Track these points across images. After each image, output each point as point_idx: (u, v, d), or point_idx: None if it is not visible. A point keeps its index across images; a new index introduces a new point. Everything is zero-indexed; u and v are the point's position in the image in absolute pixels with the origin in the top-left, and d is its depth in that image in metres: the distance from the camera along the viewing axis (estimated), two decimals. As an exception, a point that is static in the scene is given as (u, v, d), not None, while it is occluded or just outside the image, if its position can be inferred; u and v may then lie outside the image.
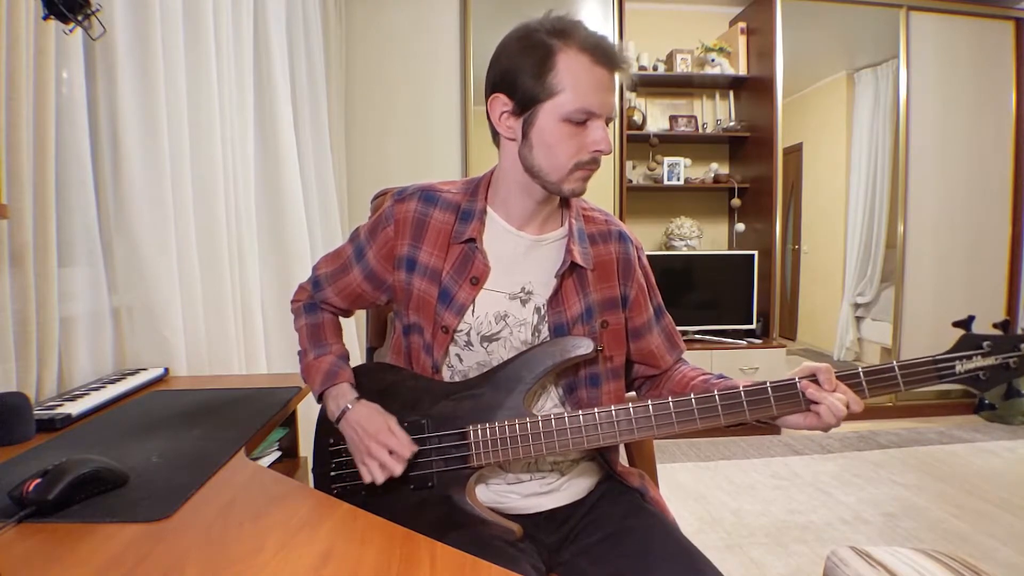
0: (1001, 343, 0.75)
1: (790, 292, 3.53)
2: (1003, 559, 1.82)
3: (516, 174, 0.86)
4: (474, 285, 0.86)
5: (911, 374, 0.75)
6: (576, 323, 0.87)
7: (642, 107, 3.34)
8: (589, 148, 0.80)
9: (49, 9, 0.87)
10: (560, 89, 0.78)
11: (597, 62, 0.78)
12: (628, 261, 0.94)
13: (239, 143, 1.77)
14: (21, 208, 1.05)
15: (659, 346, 0.97)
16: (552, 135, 0.80)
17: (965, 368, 0.76)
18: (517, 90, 0.80)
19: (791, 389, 0.77)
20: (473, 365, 0.88)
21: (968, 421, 3.25)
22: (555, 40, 0.78)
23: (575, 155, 0.81)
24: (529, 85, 0.79)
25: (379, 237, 0.91)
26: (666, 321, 1.00)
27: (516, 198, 0.88)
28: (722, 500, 2.28)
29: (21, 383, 1.06)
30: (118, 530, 0.63)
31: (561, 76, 0.77)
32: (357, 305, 1.00)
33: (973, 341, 0.76)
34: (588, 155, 0.81)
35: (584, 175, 0.83)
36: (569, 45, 0.78)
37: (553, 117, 0.79)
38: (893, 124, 3.26)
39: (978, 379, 0.76)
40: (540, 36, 0.79)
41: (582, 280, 0.89)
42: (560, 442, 0.80)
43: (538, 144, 0.81)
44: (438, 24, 3.06)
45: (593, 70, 0.78)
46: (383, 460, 0.81)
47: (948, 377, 0.76)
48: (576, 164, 0.81)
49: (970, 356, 0.76)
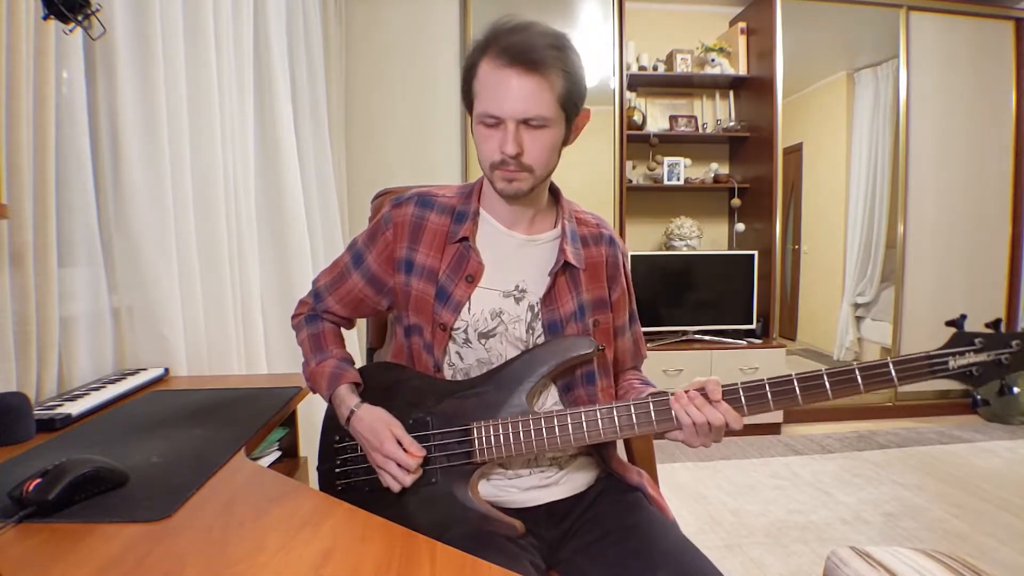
0: (993, 340, 0.77)
1: (790, 292, 3.53)
2: (1003, 559, 1.82)
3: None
4: (469, 283, 0.89)
5: (906, 370, 0.77)
6: (569, 321, 0.90)
7: (642, 107, 3.34)
8: (498, 150, 0.83)
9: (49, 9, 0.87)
10: (476, 95, 0.84)
11: (506, 64, 0.80)
12: (616, 265, 0.98)
13: (239, 143, 1.77)
14: (21, 208, 1.05)
15: (626, 350, 1.02)
16: (477, 138, 0.86)
17: (958, 364, 0.77)
18: (465, 98, 0.87)
19: (665, 405, 0.80)
20: (473, 363, 0.90)
21: (968, 421, 3.25)
22: (480, 48, 0.83)
23: (489, 156, 0.85)
24: (467, 93, 0.86)
25: (378, 241, 0.94)
26: (636, 327, 1.04)
27: (495, 200, 0.92)
28: (722, 500, 2.28)
29: (21, 383, 1.06)
30: (118, 530, 0.63)
31: (478, 82, 0.83)
32: (358, 312, 1.01)
33: (965, 338, 0.78)
34: (499, 156, 0.83)
35: (503, 175, 0.84)
36: (488, 51, 0.81)
37: (475, 121, 0.85)
38: (893, 124, 3.26)
39: (971, 375, 0.77)
40: (474, 45, 0.84)
41: (574, 279, 0.91)
42: (562, 438, 0.82)
43: (476, 146, 0.87)
44: (438, 24, 3.06)
45: (501, 72, 0.80)
46: (393, 473, 0.83)
47: (941, 373, 0.77)
48: (491, 165, 0.85)
49: (963, 352, 0.77)
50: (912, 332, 3.29)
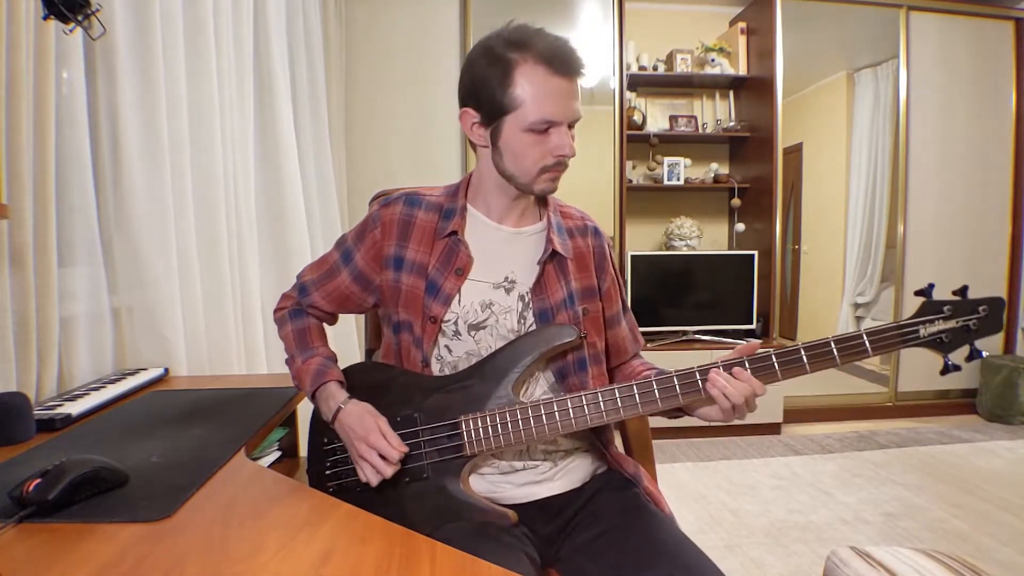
0: (961, 307, 0.79)
1: (790, 292, 3.53)
2: (1003, 559, 1.82)
3: (492, 176, 0.91)
4: (459, 276, 0.90)
5: (878, 340, 0.79)
6: (560, 309, 0.91)
7: (642, 107, 3.34)
8: (553, 153, 0.85)
9: (49, 9, 0.87)
10: (521, 102, 0.82)
11: (554, 72, 0.82)
12: (603, 255, 1.00)
13: (239, 143, 1.77)
14: (21, 208, 1.06)
15: (625, 338, 1.03)
16: (517, 144, 0.85)
17: (928, 332, 0.79)
18: (483, 104, 0.86)
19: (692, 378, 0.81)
20: (462, 355, 0.91)
21: (968, 421, 3.25)
22: (513, 54, 0.82)
23: (540, 160, 0.86)
24: (493, 99, 0.84)
25: (367, 240, 0.95)
26: (630, 315, 1.06)
27: (494, 196, 0.94)
28: (722, 500, 2.28)
29: (21, 383, 1.06)
30: (118, 530, 0.63)
31: (521, 89, 0.82)
32: (343, 308, 1.02)
33: (934, 307, 0.80)
34: (553, 159, 0.86)
35: (552, 176, 0.88)
36: (526, 58, 0.82)
37: (516, 128, 0.84)
38: (893, 124, 3.26)
39: (941, 342, 0.79)
40: (500, 50, 0.83)
41: (563, 268, 0.93)
42: (549, 426, 0.83)
43: (506, 152, 0.87)
44: (438, 24, 3.06)
45: (549, 79, 0.82)
46: (373, 463, 0.83)
47: (912, 341, 0.79)
48: (542, 168, 0.86)
49: (932, 320, 0.79)
50: (912, 332, 3.29)
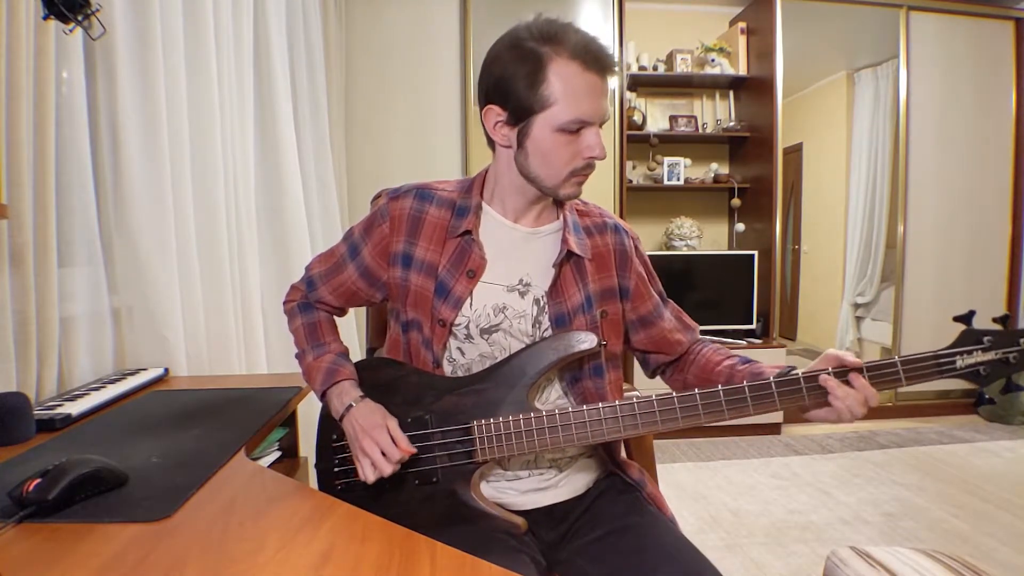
0: (1001, 338, 0.75)
1: (790, 292, 3.53)
2: (1003, 559, 1.82)
3: (512, 176, 0.87)
4: (471, 278, 0.87)
5: (913, 369, 0.76)
6: (577, 313, 0.88)
7: (642, 107, 3.33)
8: (584, 155, 0.82)
9: (49, 9, 0.87)
10: (553, 100, 0.78)
11: (588, 68, 0.78)
12: (624, 252, 0.95)
13: (239, 143, 1.77)
14: (21, 208, 1.05)
15: (672, 330, 0.98)
16: (547, 144, 0.81)
17: (965, 363, 0.76)
18: (510, 101, 0.81)
19: (795, 384, 0.77)
20: (476, 358, 0.89)
21: (968, 421, 3.25)
22: (545, 48, 0.78)
23: (570, 162, 0.82)
24: (522, 97, 0.79)
25: (374, 234, 0.92)
26: (672, 305, 1.02)
27: (511, 196, 0.90)
28: (722, 500, 2.28)
29: (21, 383, 1.06)
30: (118, 530, 0.63)
31: (553, 87, 0.78)
32: (352, 303, 1.00)
33: (974, 336, 0.76)
34: (583, 161, 0.82)
35: (579, 180, 0.85)
36: (559, 53, 0.77)
37: (547, 128, 0.80)
38: (893, 124, 3.26)
39: (978, 374, 0.76)
40: (530, 45, 0.78)
41: (580, 270, 0.90)
42: (564, 437, 0.81)
43: (534, 153, 0.82)
44: (438, 24, 3.06)
45: (584, 76, 0.78)
46: (374, 459, 0.81)
47: (949, 372, 0.76)
48: (572, 171, 0.83)
49: (971, 351, 0.75)
50: (912, 332, 3.29)
